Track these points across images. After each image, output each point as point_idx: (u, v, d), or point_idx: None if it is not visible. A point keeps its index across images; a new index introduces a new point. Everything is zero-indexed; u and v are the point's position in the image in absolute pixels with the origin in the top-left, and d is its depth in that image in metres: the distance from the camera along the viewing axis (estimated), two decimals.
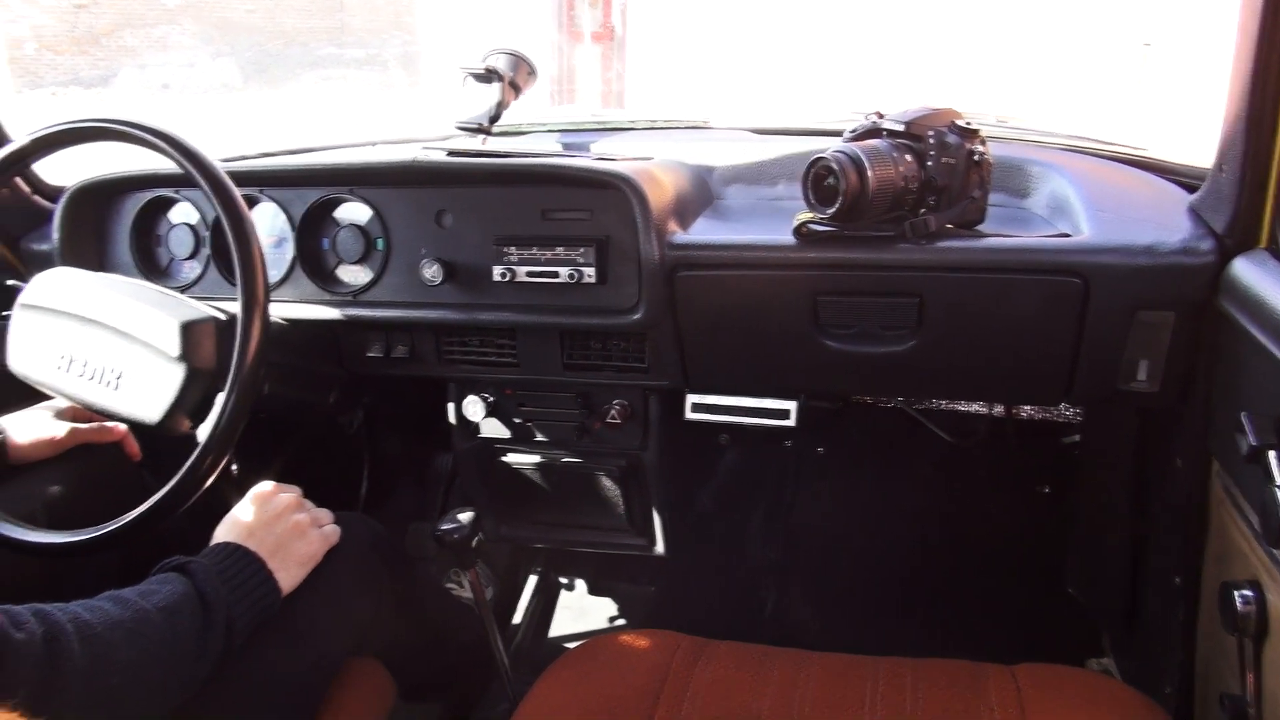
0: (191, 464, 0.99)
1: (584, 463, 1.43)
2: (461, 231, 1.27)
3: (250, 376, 1.00)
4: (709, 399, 1.32)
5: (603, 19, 8.34)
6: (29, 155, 1.12)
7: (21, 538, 0.99)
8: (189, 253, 1.38)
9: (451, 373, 1.38)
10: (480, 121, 1.37)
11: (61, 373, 1.10)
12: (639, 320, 1.21)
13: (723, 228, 1.25)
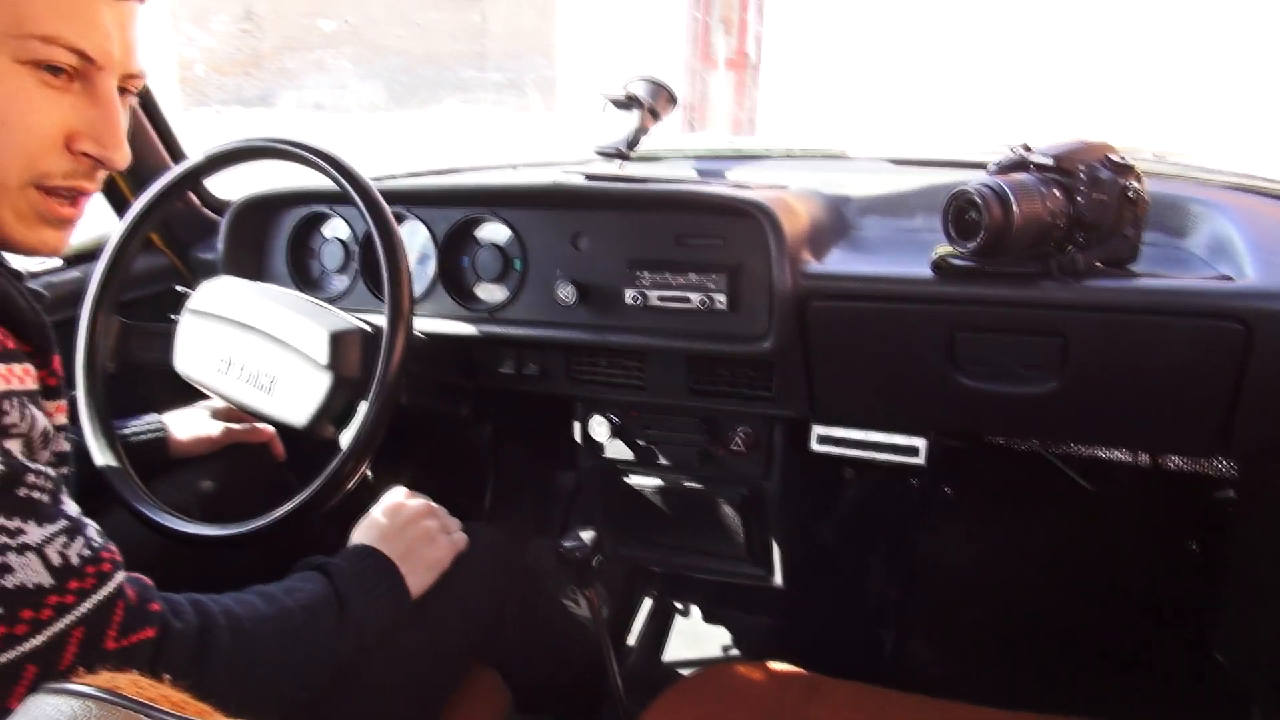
0: (334, 468, 1.03)
1: (705, 489, 1.43)
2: (596, 254, 1.30)
3: (392, 387, 1.04)
4: (836, 431, 1.30)
5: (737, 45, 8.38)
6: (203, 172, 1.20)
7: (178, 528, 1.06)
8: (339, 266, 1.45)
9: (579, 392, 1.40)
10: (619, 147, 1.40)
11: (221, 375, 1.17)
12: (768, 349, 1.20)
13: (858, 259, 1.23)
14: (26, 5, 0.69)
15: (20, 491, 0.65)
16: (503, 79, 18.18)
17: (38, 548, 0.65)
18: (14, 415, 0.66)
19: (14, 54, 0.69)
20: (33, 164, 0.73)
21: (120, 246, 1.19)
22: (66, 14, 0.70)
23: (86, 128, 0.74)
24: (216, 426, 1.29)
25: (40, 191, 0.74)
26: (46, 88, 0.71)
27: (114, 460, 1.11)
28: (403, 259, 1.07)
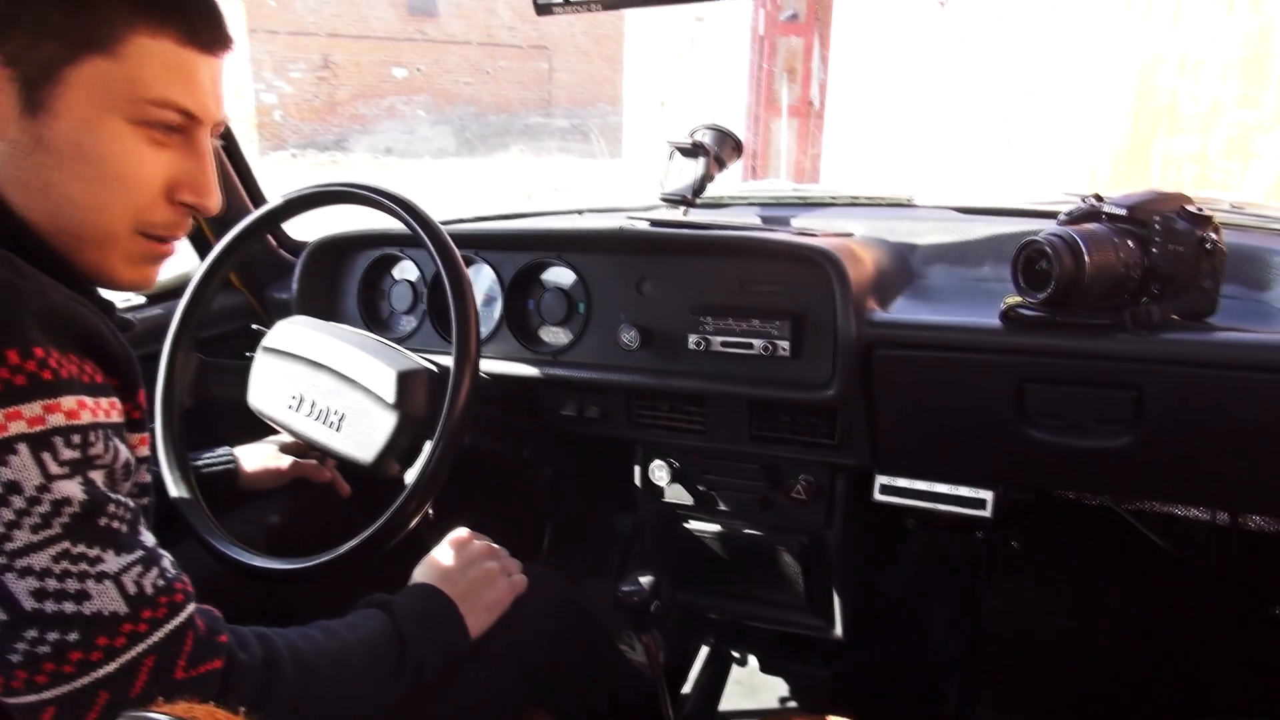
0: (398, 506, 1.04)
1: (765, 536, 1.42)
2: (660, 299, 1.30)
3: (457, 427, 1.05)
4: (899, 481, 1.28)
5: (801, 93, 8.43)
6: (281, 215, 1.24)
7: (245, 561, 1.08)
8: (407, 307, 1.48)
9: (640, 436, 1.40)
10: (684, 193, 1.42)
11: (292, 411, 1.20)
12: (831, 396, 1.19)
13: (924, 308, 1.22)
14: (141, 73, 0.75)
15: (101, 521, 0.68)
16: (569, 125, 18.53)
17: (115, 576, 0.67)
18: (99, 447, 0.69)
19: (128, 116, 0.75)
20: (141, 214, 0.79)
21: (201, 286, 1.23)
22: (175, 78, 0.77)
23: (186, 179, 0.80)
24: (285, 461, 1.32)
25: (144, 237, 0.81)
26: (154, 145, 0.78)
27: (187, 493, 1.14)
28: (471, 301, 1.09)
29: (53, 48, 0.73)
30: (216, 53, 0.81)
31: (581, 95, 19.94)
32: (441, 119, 18.18)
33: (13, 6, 0.72)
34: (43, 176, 0.75)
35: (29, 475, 0.64)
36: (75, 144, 0.75)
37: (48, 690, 0.65)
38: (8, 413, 0.63)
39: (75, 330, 0.70)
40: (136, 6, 0.74)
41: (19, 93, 0.73)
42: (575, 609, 1.22)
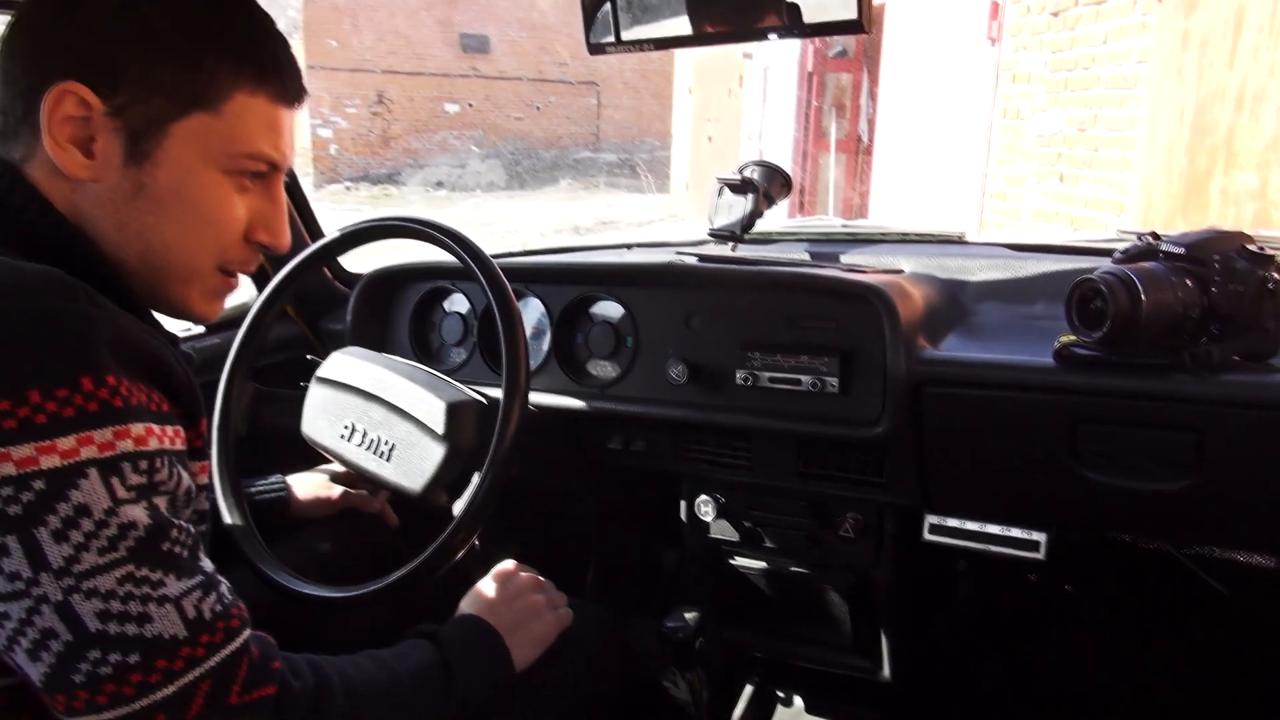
0: (446, 536, 1.05)
1: (812, 574, 1.40)
2: (708, 334, 1.31)
3: (506, 459, 1.06)
4: (950, 521, 1.26)
5: (849, 128, 8.44)
6: (337, 248, 1.27)
7: (294, 588, 1.09)
8: (458, 339, 1.50)
9: (686, 470, 1.40)
10: (733, 229, 1.42)
11: (343, 441, 1.22)
12: (880, 434, 1.18)
13: (975, 345, 1.21)
14: (240, 128, 0.81)
15: (164, 545, 0.69)
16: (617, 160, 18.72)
17: (175, 600, 0.68)
18: (165, 473, 0.70)
19: (223, 166, 0.81)
20: (223, 253, 0.85)
21: (258, 317, 1.26)
22: (267, 132, 0.83)
23: (262, 220, 0.86)
24: (335, 491, 1.34)
25: (220, 273, 0.87)
26: (240, 190, 0.84)
27: (240, 520, 1.16)
28: (521, 334, 1.10)
29: (162, 103, 0.77)
30: (298, 105, 0.87)
31: (630, 130, 20.16)
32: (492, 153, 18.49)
33: (125, 63, 0.76)
34: (140, 219, 0.80)
35: (98, 499, 0.65)
36: (174, 191, 0.80)
37: (107, 711, 0.66)
38: (80, 437, 0.65)
39: (145, 360, 0.72)
40: (240, 68, 0.80)
41: (124, 143, 0.77)
42: (619, 644, 1.21)
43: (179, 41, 0.78)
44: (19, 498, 0.63)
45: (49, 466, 0.64)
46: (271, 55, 0.83)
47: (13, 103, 0.78)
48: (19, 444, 0.63)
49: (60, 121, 0.76)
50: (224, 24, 0.81)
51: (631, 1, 1.17)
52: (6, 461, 0.63)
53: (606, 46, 1.18)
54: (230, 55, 0.80)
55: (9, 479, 0.63)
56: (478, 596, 1.08)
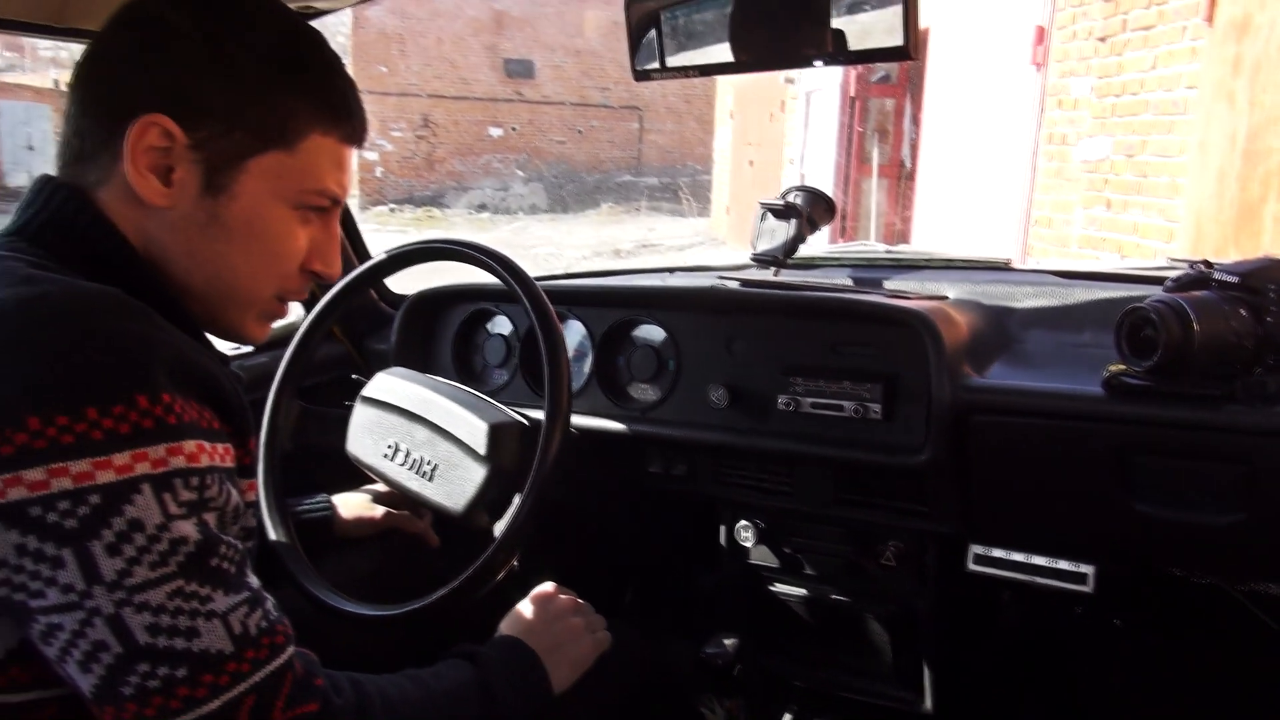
0: (486, 557, 1.06)
1: (852, 602, 1.38)
2: (750, 359, 1.30)
3: (547, 480, 1.06)
4: (994, 551, 1.24)
5: (892, 153, 8.41)
6: (384, 270, 1.28)
7: (338, 605, 1.10)
8: (500, 361, 1.51)
9: (726, 495, 1.40)
10: (775, 254, 1.42)
11: (387, 460, 1.23)
12: (924, 462, 1.17)
13: (1022, 373, 1.19)
14: (312, 166, 0.84)
15: (213, 561, 0.70)
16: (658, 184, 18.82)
17: (223, 615, 0.69)
18: (215, 489, 0.72)
19: (292, 202, 0.85)
20: (282, 282, 0.89)
21: (306, 336, 1.28)
22: (334, 170, 0.87)
23: (318, 251, 0.89)
24: (378, 511, 1.35)
25: (277, 300, 0.90)
26: (303, 224, 0.87)
27: (285, 537, 1.17)
28: (564, 357, 1.10)
29: (241, 139, 0.80)
30: (363, 143, 0.91)
31: (671, 154, 20.27)
32: (534, 176, 18.69)
33: (210, 99, 0.79)
34: (211, 247, 0.83)
35: (151, 514, 0.66)
36: (245, 222, 0.83)
37: None
38: (134, 454, 0.66)
39: (198, 379, 0.73)
40: (317, 109, 0.83)
41: (202, 174, 0.80)
42: (657, 668, 1.21)
43: (261, 81, 0.81)
44: (75, 512, 0.65)
45: (104, 481, 0.65)
46: (344, 97, 0.86)
47: (90, 129, 0.81)
48: (76, 459, 0.65)
49: (143, 151, 0.78)
50: (303, 66, 0.84)
51: (676, 28, 1.18)
52: (64, 476, 0.64)
53: (651, 73, 1.20)
54: (308, 96, 0.83)
55: (66, 493, 0.64)
56: (517, 618, 1.08)
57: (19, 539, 0.64)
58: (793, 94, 9.94)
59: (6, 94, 18.31)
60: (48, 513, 0.64)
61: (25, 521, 0.64)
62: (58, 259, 0.77)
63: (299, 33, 0.86)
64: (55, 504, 0.64)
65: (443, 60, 18.18)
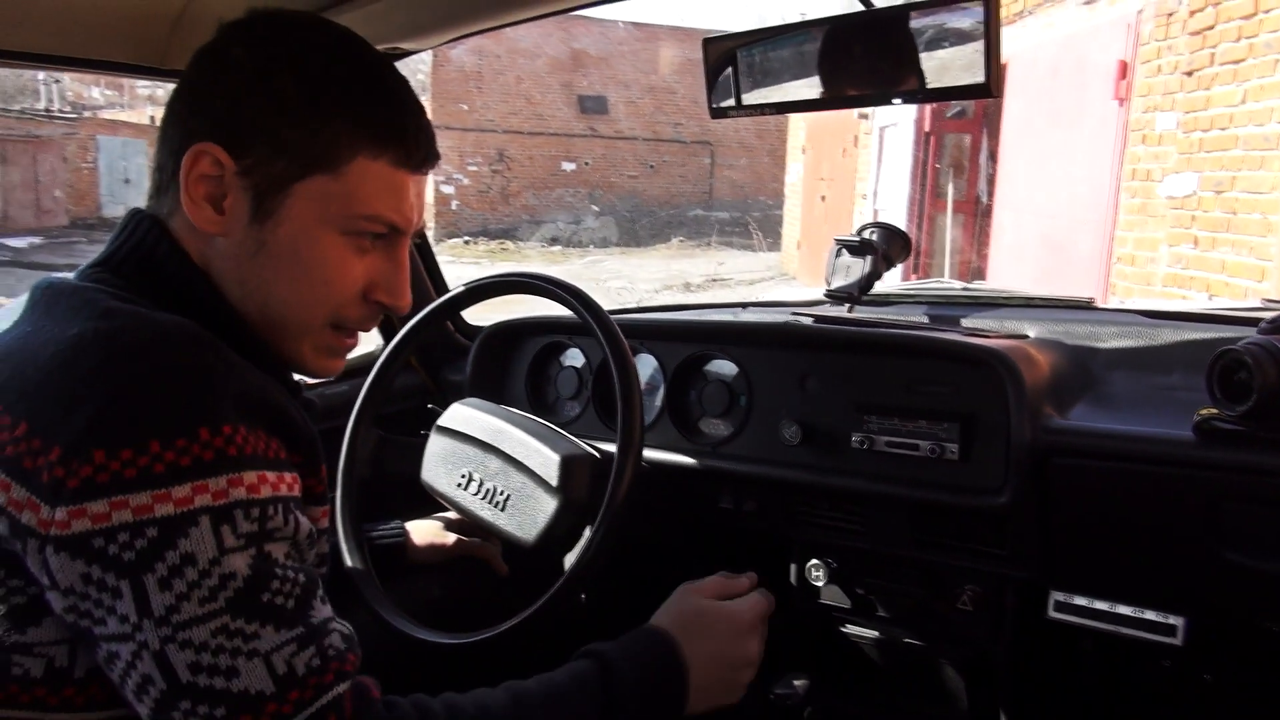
0: (557, 590, 1.06)
1: (926, 646, 1.35)
2: (823, 395, 1.29)
3: (618, 514, 1.06)
4: (1076, 599, 1.20)
5: (967, 189, 8.29)
6: (462, 303, 1.31)
7: (411, 632, 1.12)
8: (572, 393, 1.52)
9: (797, 533, 1.38)
10: (850, 290, 1.41)
11: (460, 489, 1.25)
12: (1002, 504, 1.14)
13: (1106, 415, 1.16)
14: (359, 190, 0.82)
15: (264, 596, 0.69)
16: (729, 218, 18.86)
17: (266, 654, 0.68)
18: (279, 519, 0.71)
19: (341, 227, 0.83)
20: (337, 311, 0.86)
21: (385, 366, 1.31)
22: (387, 196, 0.84)
23: (383, 281, 0.87)
24: (450, 537, 1.37)
25: (334, 330, 0.88)
26: (359, 251, 0.85)
27: (360, 563, 1.19)
28: (637, 390, 1.11)
29: (286, 164, 0.81)
30: (424, 170, 0.88)
31: (743, 189, 20.33)
32: (606, 210, 18.89)
33: (255, 126, 0.80)
34: (259, 274, 0.83)
35: (205, 548, 0.67)
36: (292, 248, 0.82)
37: None
38: (195, 486, 0.67)
39: (265, 410, 0.74)
40: (361, 133, 0.82)
41: (251, 201, 0.81)
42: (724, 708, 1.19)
43: (306, 107, 0.81)
44: (133, 544, 0.65)
45: (163, 514, 0.66)
46: (395, 122, 0.85)
47: (165, 162, 0.84)
48: (138, 492, 0.66)
49: (196, 179, 0.80)
50: (351, 91, 0.83)
51: (753, 66, 1.19)
52: (125, 509, 0.65)
53: (728, 110, 1.21)
54: (352, 120, 0.82)
55: (126, 525, 0.65)
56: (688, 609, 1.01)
57: (84, 568, 0.66)
58: (866, 129, 9.89)
59: (106, 130, 19.32)
60: (109, 544, 0.65)
61: (89, 552, 0.66)
62: (138, 289, 0.80)
63: (356, 60, 0.85)
64: (116, 536, 0.65)
65: (519, 96, 18.57)
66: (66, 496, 0.65)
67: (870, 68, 1.08)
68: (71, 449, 0.66)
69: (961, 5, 0.99)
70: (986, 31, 0.96)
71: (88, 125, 19.27)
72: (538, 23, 1.38)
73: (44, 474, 0.66)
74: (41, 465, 0.67)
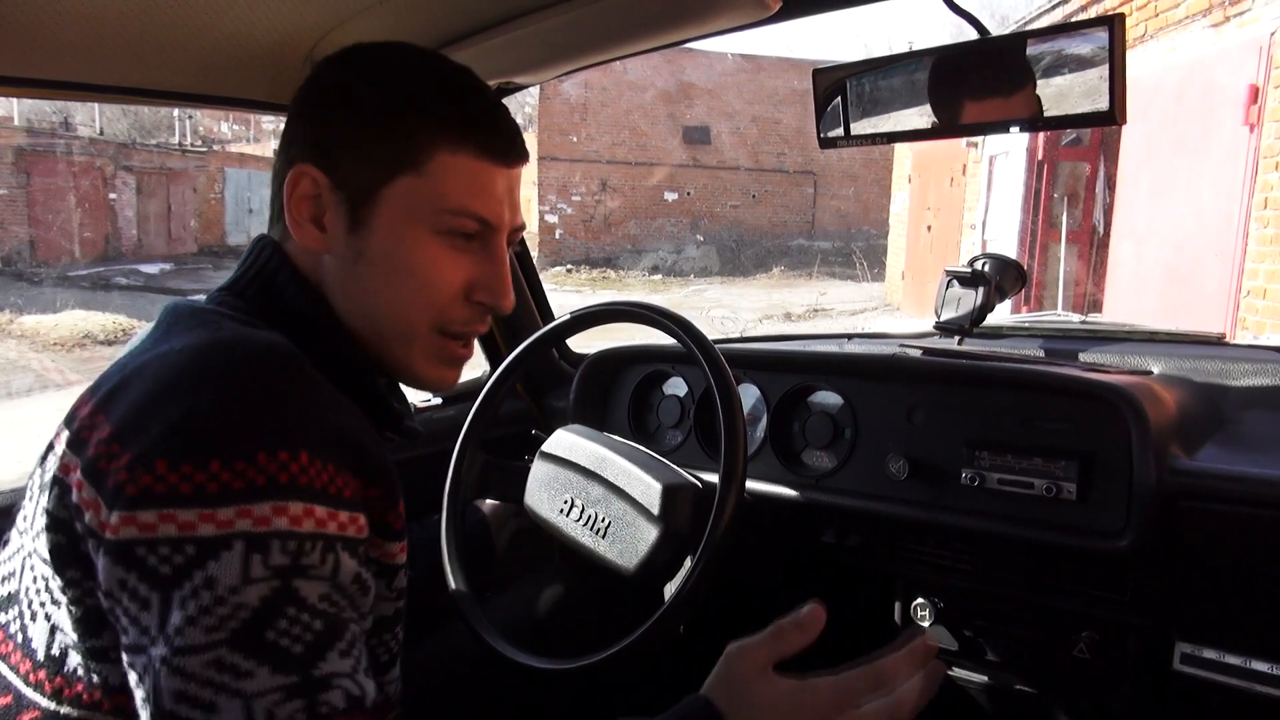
0: (656, 620, 1.05)
1: (1040, 695, 1.29)
2: (932, 430, 1.26)
3: (720, 545, 1.05)
4: (1205, 652, 1.13)
5: (1083, 218, 8.01)
6: (567, 331, 1.33)
7: (510, 656, 1.12)
8: (674, 422, 1.52)
9: (903, 570, 1.34)
10: (961, 323, 1.38)
11: (562, 515, 1.26)
12: (1124, 548, 1.08)
13: (1238, 457, 1.10)
14: (443, 186, 0.83)
15: (268, 635, 0.65)
16: (831, 248, 18.67)
17: (249, 697, 0.63)
18: (314, 557, 0.68)
19: (431, 226, 0.83)
20: (440, 314, 0.86)
21: (492, 392, 1.34)
22: (473, 190, 0.84)
23: (483, 280, 0.87)
24: None
25: (442, 336, 0.87)
26: (454, 250, 0.85)
27: (464, 585, 1.21)
28: (741, 421, 1.10)
29: (372, 171, 0.82)
30: (512, 165, 0.87)
31: (846, 219, 20.11)
32: (708, 240, 18.93)
33: (341, 139, 0.83)
34: (361, 284, 0.84)
35: (229, 575, 0.64)
36: (386, 253, 0.83)
37: None
38: (239, 509, 0.65)
39: (338, 441, 0.72)
40: (438, 128, 0.82)
41: (346, 213, 0.83)
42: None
43: (385, 112, 0.82)
44: (171, 559, 0.64)
45: (204, 534, 0.64)
46: (472, 113, 0.84)
47: (276, 191, 0.87)
48: (188, 508, 0.65)
49: (298, 200, 0.83)
50: (427, 89, 0.84)
51: (862, 95, 1.18)
52: (171, 523, 0.64)
53: (837, 140, 1.20)
54: (430, 116, 0.82)
55: (169, 539, 0.64)
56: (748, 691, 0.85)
57: (123, 574, 0.65)
58: (975, 158, 9.67)
59: (233, 163, 20.42)
60: (149, 555, 0.65)
61: (130, 559, 0.65)
62: (259, 311, 0.82)
63: (433, 68, 0.86)
64: (157, 548, 0.65)
65: (624, 128, 18.84)
66: (123, 502, 0.65)
67: (984, 96, 1.06)
68: (139, 457, 0.66)
69: (1083, 31, 0.96)
70: (1111, 57, 0.93)
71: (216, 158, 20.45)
72: (646, 56, 1.40)
73: (111, 478, 0.67)
74: (112, 469, 0.67)
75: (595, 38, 1.19)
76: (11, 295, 12.05)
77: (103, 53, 1.11)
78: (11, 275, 14.32)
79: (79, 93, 1.23)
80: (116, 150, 17.71)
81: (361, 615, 0.74)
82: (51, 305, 11.27)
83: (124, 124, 21.17)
